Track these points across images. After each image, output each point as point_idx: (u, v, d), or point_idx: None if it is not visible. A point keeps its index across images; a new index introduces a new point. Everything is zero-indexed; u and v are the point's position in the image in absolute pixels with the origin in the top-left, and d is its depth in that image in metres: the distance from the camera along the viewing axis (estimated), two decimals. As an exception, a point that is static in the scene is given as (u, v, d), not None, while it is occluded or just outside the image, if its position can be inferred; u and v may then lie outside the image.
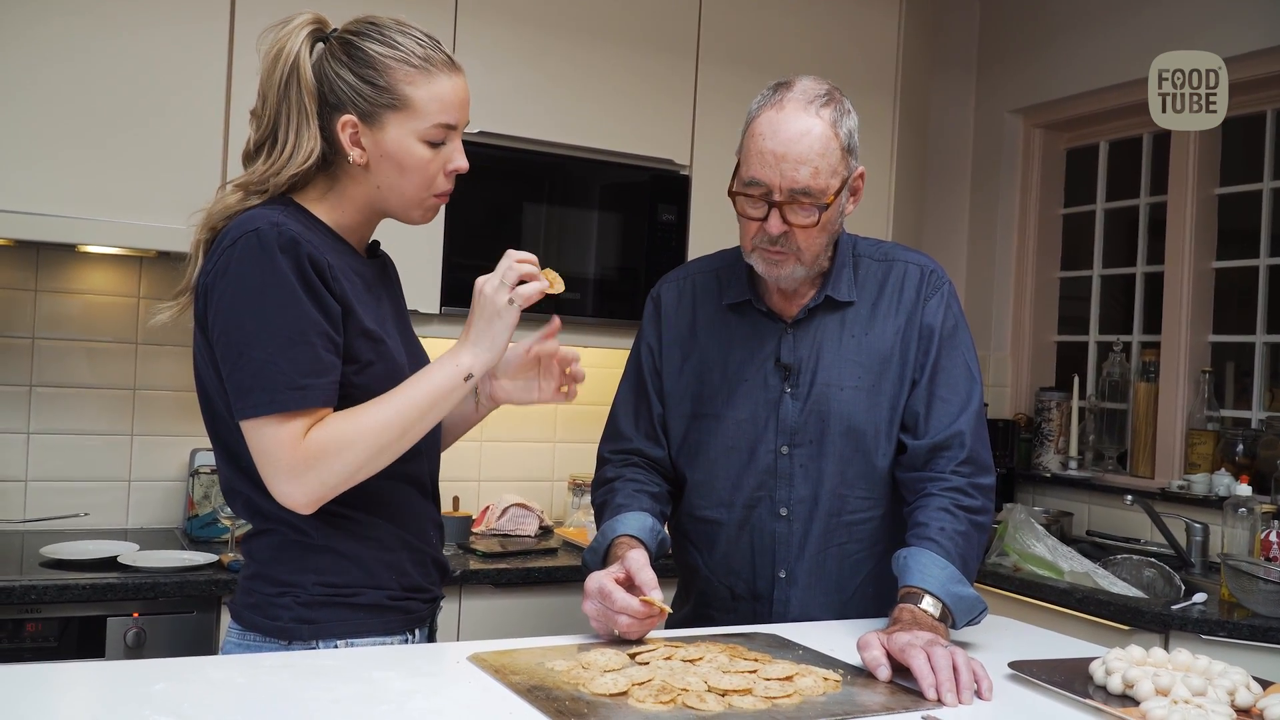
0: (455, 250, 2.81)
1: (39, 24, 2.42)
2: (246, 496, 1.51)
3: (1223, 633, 2.41)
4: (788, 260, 1.68)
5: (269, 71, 1.50)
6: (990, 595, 2.72)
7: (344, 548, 1.51)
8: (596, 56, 3.01)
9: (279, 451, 1.40)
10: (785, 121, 1.64)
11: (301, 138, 1.48)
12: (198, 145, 2.57)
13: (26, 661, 2.19)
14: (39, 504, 2.78)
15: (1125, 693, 1.32)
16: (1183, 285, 3.38)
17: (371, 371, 1.49)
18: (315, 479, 1.41)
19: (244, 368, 1.41)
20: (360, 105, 1.48)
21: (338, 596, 1.50)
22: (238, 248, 1.42)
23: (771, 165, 1.63)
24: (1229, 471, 3.12)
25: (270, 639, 1.49)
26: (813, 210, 1.64)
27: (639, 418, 1.87)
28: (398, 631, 1.55)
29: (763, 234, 1.66)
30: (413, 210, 1.56)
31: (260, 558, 1.53)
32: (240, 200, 1.49)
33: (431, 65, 1.50)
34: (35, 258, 2.79)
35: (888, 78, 3.40)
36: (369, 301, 1.54)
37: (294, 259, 1.41)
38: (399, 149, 1.50)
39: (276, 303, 1.41)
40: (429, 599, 1.62)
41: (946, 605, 1.54)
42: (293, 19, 1.51)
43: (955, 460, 1.70)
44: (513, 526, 3.00)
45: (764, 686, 1.29)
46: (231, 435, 1.49)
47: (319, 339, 1.42)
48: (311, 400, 1.41)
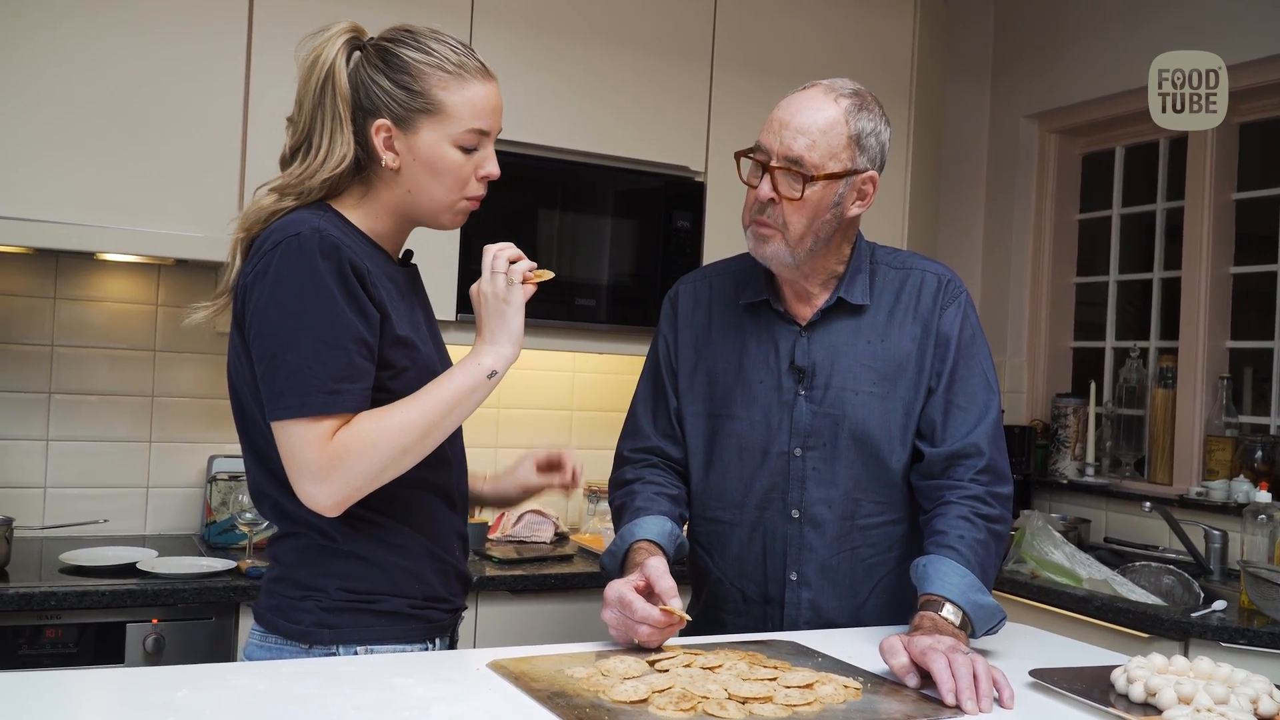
0: (471, 258, 2.81)
1: (56, 34, 2.44)
2: (274, 499, 1.53)
3: (1243, 640, 2.39)
4: (774, 236, 1.70)
5: (305, 78, 1.52)
6: (1008, 602, 2.71)
7: (368, 553, 1.51)
8: (611, 63, 3.02)
9: (306, 453, 1.41)
10: (803, 99, 1.71)
11: (335, 142, 1.50)
12: (215, 153, 2.58)
13: (46, 667, 2.21)
14: (58, 510, 2.80)
15: (1148, 701, 1.31)
16: (1200, 290, 3.36)
17: (406, 377, 1.51)
18: (340, 480, 1.42)
19: (278, 370, 1.42)
20: (394, 110, 1.51)
21: (360, 602, 1.51)
22: (279, 251, 1.44)
23: (774, 131, 1.69)
24: (1247, 478, 3.10)
25: (291, 642, 1.50)
26: (799, 181, 1.66)
27: (657, 414, 1.88)
28: (418, 639, 1.55)
29: (756, 204, 1.71)
30: (443, 215, 1.58)
31: (285, 561, 1.54)
32: (275, 202, 1.51)
33: (465, 71, 1.52)
34: (54, 266, 2.81)
35: (902, 83, 3.40)
36: (403, 308, 1.55)
37: (335, 264, 1.43)
38: (432, 153, 1.52)
39: (314, 307, 1.42)
40: (450, 609, 1.62)
41: (967, 613, 1.54)
42: (330, 27, 1.54)
43: (974, 469, 1.70)
44: (528, 533, 3.00)
45: (784, 694, 1.29)
46: (262, 437, 1.50)
47: (354, 345, 1.44)
48: (343, 405, 1.43)
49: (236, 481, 2.75)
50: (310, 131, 1.52)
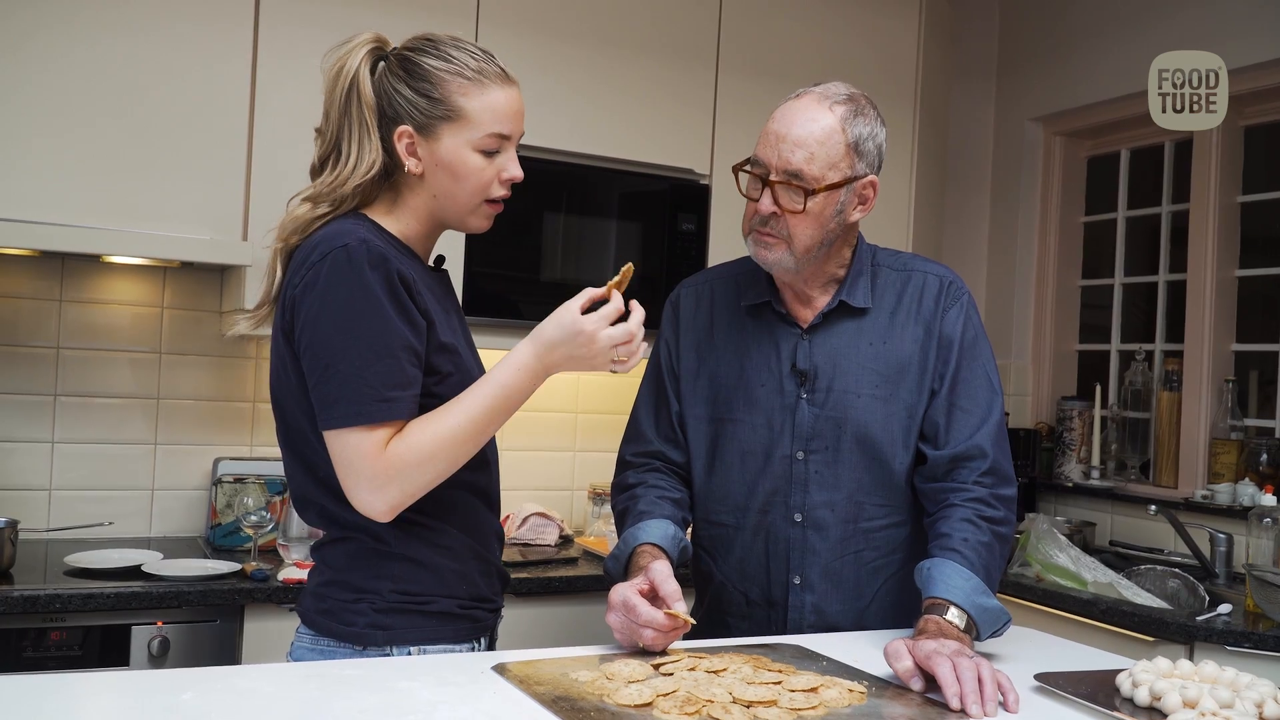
0: (475, 260, 2.82)
1: (61, 35, 2.45)
2: (321, 505, 1.55)
3: (1248, 644, 2.38)
4: (778, 245, 1.70)
5: (330, 88, 1.56)
6: (1013, 605, 2.71)
7: (420, 555, 1.54)
8: (617, 66, 3.02)
9: (362, 462, 1.44)
10: (796, 109, 1.70)
11: (363, 150, 1.53)
12: (221, 156, 2.59)
13: (51, 670, 2.21)
14: (63, 513, 2.80)
15: (1153, 705, 1.31)
16: (1205, 293, 3.36)
17: (450, 382, 1.53)
18: (397, 489, 1.45)
19: (331, 380, 1.45)
20: (416, 117, 1.54)
21: (412, 604, 1.53)
22: (328, 262, 1.46)
23: (771, 145, 1.68)
24: (1253, 481, 3.09)
25: (344, 644, 1.53)
26: (800, 194, 1.66)
27: (659, 418, 1.88)
28: (465, 639, 1.58)
29: (756, 215, 1.70)
30: (468, 218, 1.61)
31: (336, 564, 1.56)
32: (309, 211, 1.54)
33: (485, 77, 1.55)
34: (60, 268, 2.81)
35: (907, 87, 3.40)
36: (441, 314, 1.58)
37: (384, 275, 1.46)
38: (454, 158, 1.55)
39: (364, 317, 1.45)
40: (493, 608, 1.65)
41: (971, 617, 1.54)
42: (354, 39, 1.57)
43: (977, 471, 1.70)
44: (533, 536, 3.00)
45: (789, 698, 1.29)
46: (308, 445, 1.53)
47: (404, 353, 1.47)
48: (397, 413, 1.45)
49: (241, 484, 2.76)
50: (339, 140, 1.55)
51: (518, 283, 2.93)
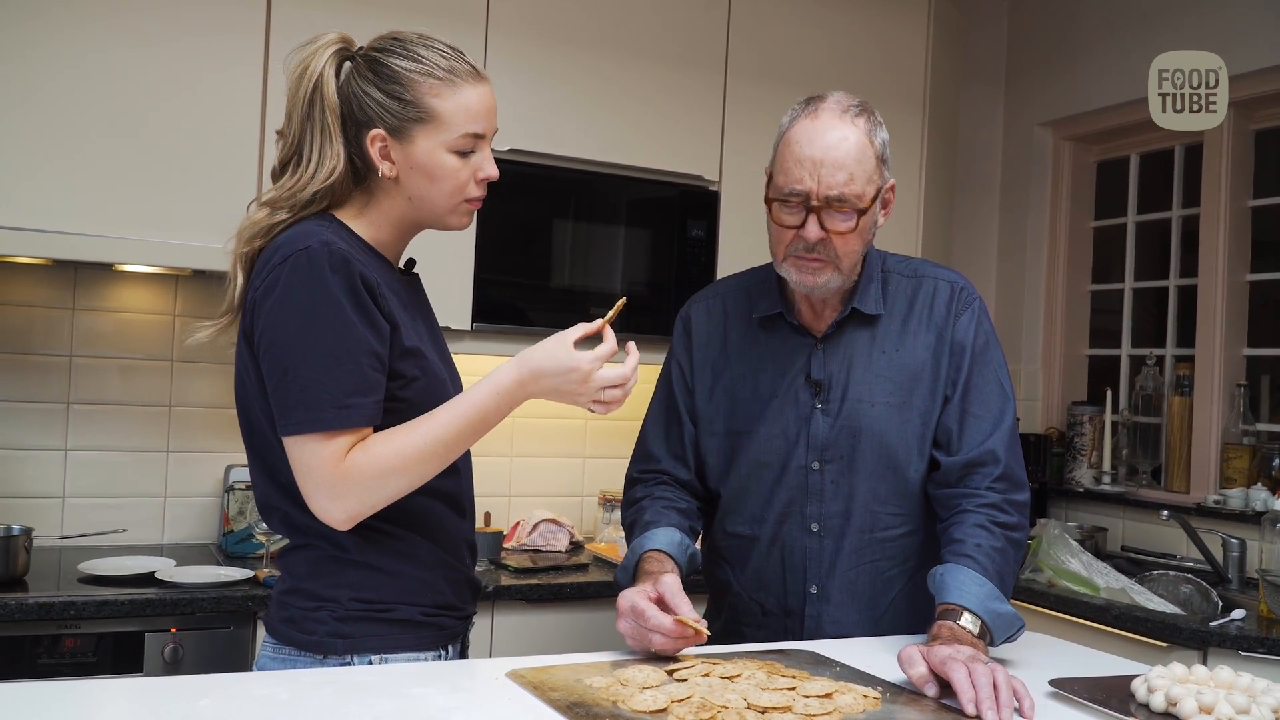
0: (485, 267, 2.82)
1: (75, 48, 2.46)
2: (284, 512, 1.53)
3: (1262, 649, 2.38)
4: (825, 268, 1.68)
5: (294, 90, 1.53)
6: (1025, 611, 2.70)
7: (381, 563, 1.52)
8: (625, 72, 3.03)
9: (320, 469, 1.42)
10: (822, 129, 1.66)
11: (325, 154, 1.50)
12: (233, 164, 2.60)
13: (65, 677, 2.22)
14: (76, 520, 2.81)
15: (1169, 710, 1.31)
16: (1216, 298, 3.35)
17: (415, 386, 1.51)
18: (355, 500, 1.43)
19: (289, 385, 1.42)
20: (388, 120, 1.51)
21: (372, 611, 1.51)
22: (288, 265, 1.44)
23: (810, 170, 1.64)
24: (1265, 486, 3.09)
25: (305, 653, 1.50)
26: (851, 215, 1.65)
27: (669, 438, 1.88)
28: (430, 647, 1.56)
29: (799, 241, 1.67)
30: (447, 217, 1.58)
31: (297, 572, 1.54)
32: (268, 216, 1.51)
33: (456, 76, 1.52)
34: (73, 277, 2.83)
35: (916, 92, 3.40)
36: (407, 318, 1.55)
37: (345, 277, 1.43)
38: (428, 161, 1.52)
39: (324, 321, 1.42)
40: (461, 616, 1.62)
41: (985, 622, 1.53)
42: (318, 39, 1.54)
43: (990, 476, 1.70)
44: (544, 542, 3.00)
45: (803, 704, 1.29)
46: (270, 451, 1.50)
47: (365, 358, 1.44)
48: (355, 419, 1.43)
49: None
50: (300, 144, 1.52)
51: (527, 290, 2.93)
